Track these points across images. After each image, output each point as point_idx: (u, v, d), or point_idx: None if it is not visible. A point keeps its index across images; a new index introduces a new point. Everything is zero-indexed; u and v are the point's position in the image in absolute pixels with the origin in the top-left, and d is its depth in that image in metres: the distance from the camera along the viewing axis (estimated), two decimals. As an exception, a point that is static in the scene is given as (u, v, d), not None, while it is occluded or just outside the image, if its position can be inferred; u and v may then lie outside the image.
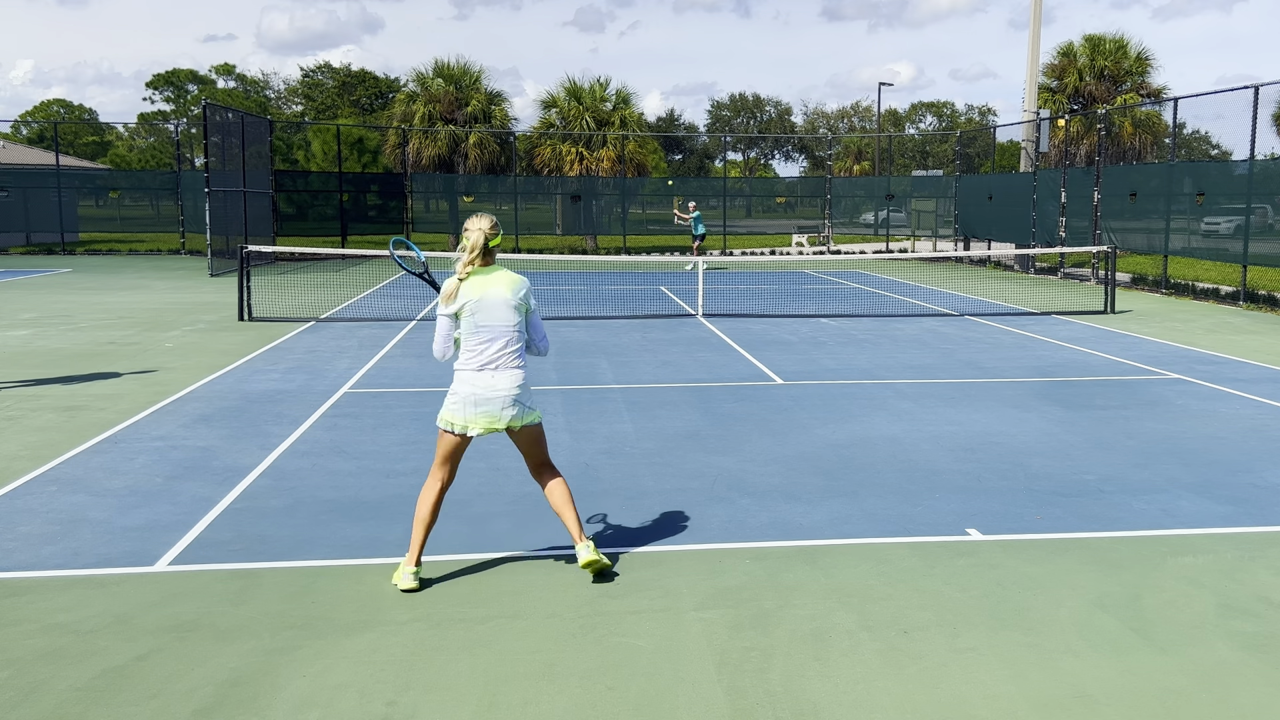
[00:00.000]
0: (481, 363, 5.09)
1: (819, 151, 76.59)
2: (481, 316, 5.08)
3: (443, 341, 5.18)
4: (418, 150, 36.43)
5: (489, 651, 4.47)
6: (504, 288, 5.12)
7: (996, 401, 9.76)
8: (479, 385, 5.07)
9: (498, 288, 5.11)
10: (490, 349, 5.10)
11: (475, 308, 5.07)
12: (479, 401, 5.07)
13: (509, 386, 5.10)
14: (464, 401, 5.08)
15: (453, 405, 5.11)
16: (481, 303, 5.07)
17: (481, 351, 5.09)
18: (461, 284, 5.09)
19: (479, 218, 5.16)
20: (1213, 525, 6.21)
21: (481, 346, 5.09)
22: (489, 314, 5.08)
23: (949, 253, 29.25)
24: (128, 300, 18.46)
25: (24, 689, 4.12)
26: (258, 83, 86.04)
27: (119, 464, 7.38)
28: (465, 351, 5.12)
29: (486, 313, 5.08)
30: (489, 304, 5.08)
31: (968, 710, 3.99)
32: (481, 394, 5.07)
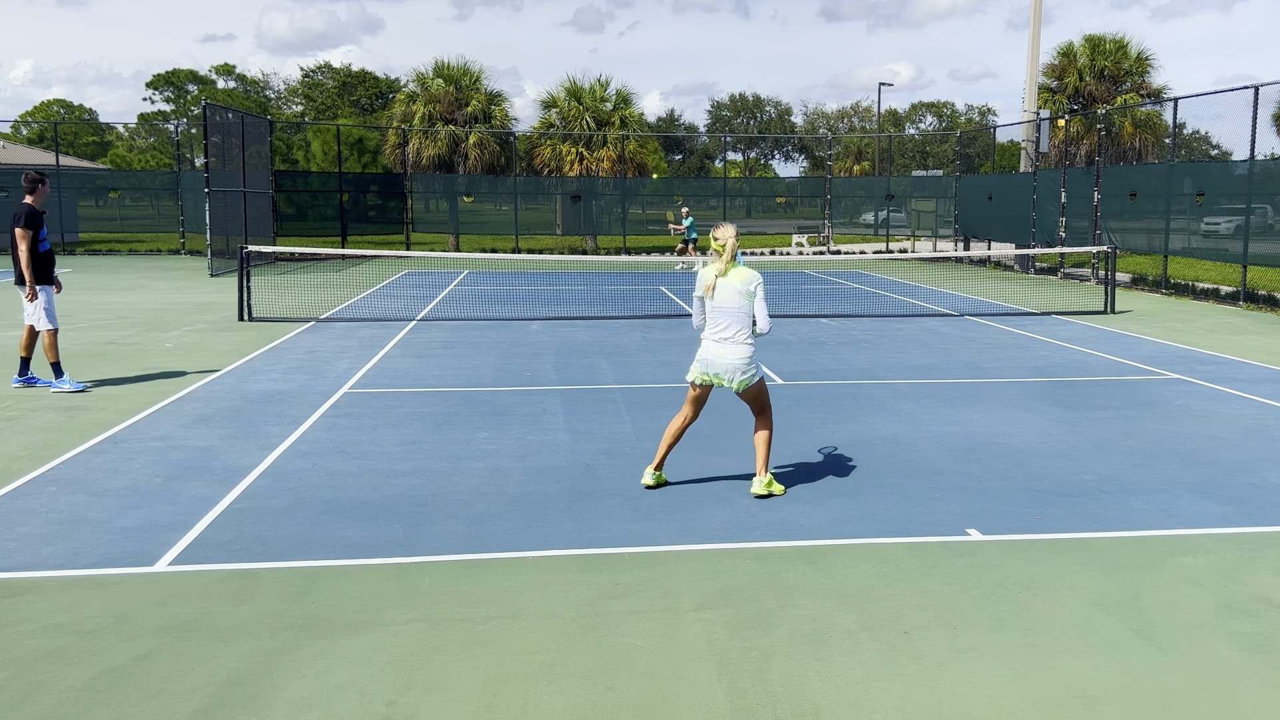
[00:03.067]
0: (718, 336, 6.55)
1: (819, 152, 76.61)
2: (718, 301, 6.55)
3: (699, 316, 6.74)
4: (418, 150, 36.44)
5: (489, 651, 4.47)
6: (738, 281, 6.52)
7: (996, 401, 9.76)
8: (711, 353, 6.58)
9: (733, 281, 6.52)
10: (722, 327, 6.55)
11: (714, 294, 6.56)
12: (709, 366, 6.57)
13: (734, 357, 6.52)
14: (700, 363, 6.63)
15: (695, 365, 6.67)
16: (719, 291, 6.54)
17: (717, 327, 6.57)
18: (712, 276, 6.57)
19: (728, 226, 6.60)
20: (1213, 525, 6.21)
21: (718, 324, 6.56)
22: (723, 300, 6.54)
23: (949, 253, 29.26)
24: (128, 300, 18.47)
25: (24, 689, 4.12)
26: (258, 83, 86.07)
27: (119, 464, 7.38)
28: (708, 326, 6.62)
29: (721, 298, 6.54)
30: (723, 292, 6.52)
31: (968, 710, 3.99)
32: (712, 360, 6.57)
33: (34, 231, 9.79)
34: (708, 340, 6.62)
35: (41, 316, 9.89)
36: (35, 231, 9.81)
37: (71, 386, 9.89)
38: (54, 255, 10.16)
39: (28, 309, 9.93)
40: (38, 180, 9.95)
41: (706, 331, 6.65)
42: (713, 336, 6.58)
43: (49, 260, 10.00)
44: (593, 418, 8.98)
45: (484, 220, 39.64)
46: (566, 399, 9.79)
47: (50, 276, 10.01)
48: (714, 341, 6.58)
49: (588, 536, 5.93)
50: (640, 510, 6.41)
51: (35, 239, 9.81)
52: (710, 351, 6.59)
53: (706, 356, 6.60)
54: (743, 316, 6.53)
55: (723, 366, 6.52)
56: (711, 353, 6.58)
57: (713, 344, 6.58)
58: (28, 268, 9.75)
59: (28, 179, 9.93)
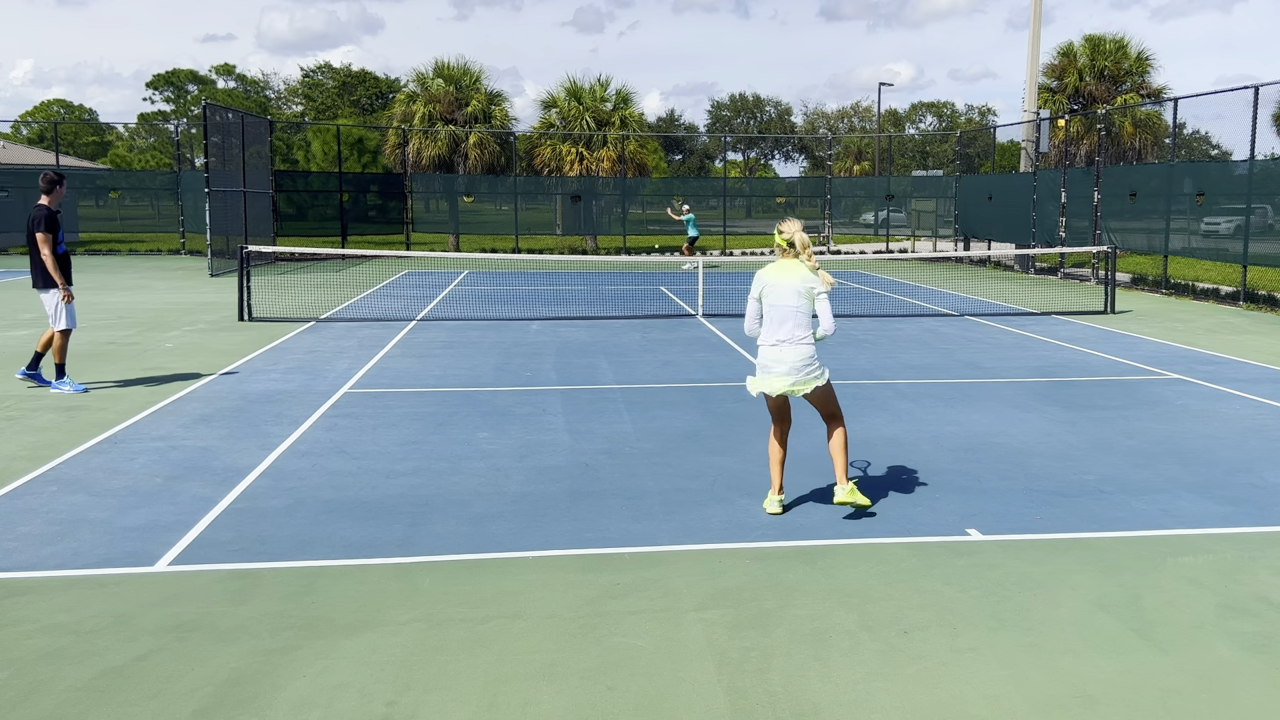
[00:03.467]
0: (776, 339, 6.14)
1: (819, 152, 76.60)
2: (776, 299, 6.14)
3: (752, 321, 6.30)
4: (418, 150, 36.44)
5: (489, 651, 4.47)
6: (796, 279, 6.10)
7: (996, 401, 9.76)
8: (770, 358, 6.15)
9: (791, 279, 6.11)
10: (780, 328, 6.14)
11: (769, 293, 6.17)
12: (769, 373, 6.15)
13: (796, 358, 6.10)
14: (761, 371, 6.21)
15: (755, 378, 6.27)
16: (777, 290, 6.14)
17: (775, 330, 6.16)
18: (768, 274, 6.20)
19: (794, 221, 6.20)
20: (1213, 525, 6.21)
21: (776, 325, 6.15)
22: (782, 298, 6.12)
23: (949, 253, 29.25)
24: (128, 300, 18.47)
25: (24, 689, 4.12)
26: (258, 83, 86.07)
27: (119, 464, 7.38)
28: (764, 330, 6.21)
29: (780, 297, 6.13)
30: (782, 291, 6.12)
31: (968, 710, 3.99)
32: (771, 366, 6.14)
33: (53, 234, 9.78)
34: (765, 346, 6.20)
35: (62, 316, 9.89)
36: (54, 234, 9.80)
37: (72, 389, 9.89)
38: (70, 257, 10.15)
39: (59, 311, 9.87)
40: (56, 181, 9.92)
41: (763, 336, 6.22)
42: (769, 341, 6.16)
43: (65, 262, 9.99)
44: (593, 418, 8.98)
45: (484, 220, 39.64)
46: (566, 399, 9.79)
47: (67, 279, 9.99)
48: (771, 346, 6.16)
49: (588, 536, 5.93)
50: (640, 510, 6.41)
51: (54, 241, 9.80)
52: (769, 357, 6.17)
53: (765, 363, 6.18)
54: (802, 316, 6.12)
55: (784, 371, 6.10)
56: (770, 358, 6.15)
57: (770, 349, 6.16)
58: (55, 270, 9.73)
59: (46, 179, 9.89)
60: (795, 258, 6.16)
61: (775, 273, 6.16)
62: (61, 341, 9.93)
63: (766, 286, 6.15)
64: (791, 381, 6.10)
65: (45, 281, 9.85)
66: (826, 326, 6.19)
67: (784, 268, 6.16)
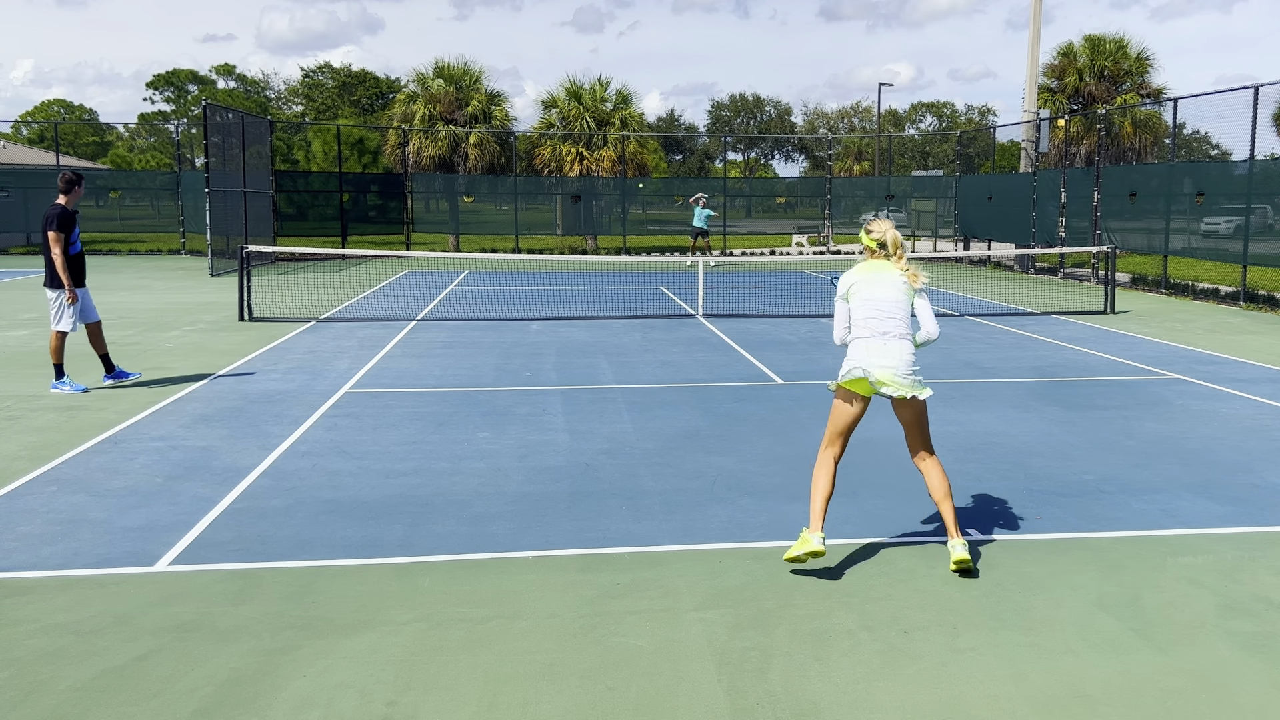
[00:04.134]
0: (875, 331, 5.44)
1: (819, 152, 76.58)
2: (872, 293, 5.51)
3: (841, 329, 5.62)
4: (418, 150, 36.42)
5: (489, 651, 4.47)
6: (896, 274, 5.54)
7: (996, 401, 9.76)
8: (867, 350, 5.40)
9: (890, 274, 5.53)
10: (882, 321, 5.45)
11: (859, 291, 5.55)
12: (866, 362, 5.36)
13: (901, 354, 5.38)
14: (853, 361, 5.42)
15: (847, 366, 5.44)
16: (874, 283, 5.53)
17: (875, 321, 5.46)
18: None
19: (885, 219, 5.69)
20: (1213, 525, 6.21)
21: (876, 317, 5.47)
22: (879, 291, 5.50)
23: (949, 253, 29.24)
24: (128, 300, 18.46)
25: (24, 689, 4.12)
26: (258, 83, 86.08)
27: (119, 464, 7.38)
28: (857, 325, 5.50)
29: (877, 290, 5.51)
30: (879, 284, 5.51)
31: (968, 710, 3.99)
32: (870, 356, 5.38)
33: (65, 234, 9.78)
34: (859, 340, 5.42)
35: (63, 317, 9.89)
36: (67, 234, 9.80)
37: (71, 389, 9.88)
38: (84, 258, 10.15)
39: (61, 312, 9.88)
40: (74, 181, 9.91)
41: (856, 330, 5.47)
42: (866, 334, 5.41)
43: (79, 262, 10.00)
44: (593, 418, 8.98)
45: (484, 220, 39.62)
46: (566, 399, 9.78)
47: (79, 278, 9.99)
48: (868, 339, 5.39)
49: (588, 536, 5.93)
50: (640, 510, 6.41)
51: (67, 241, 9.80)
52: (866, 350, 5.37)
53: (862, 353, 5.38)
54: (903, 313, 5.44)
55: (885, 365, 5.30)
56: (868, 350, 5.36)
57: (867, 341, 5.39)
58: (64, 270, 9.74)
59: (64, 179, 9.88)
60: (886, 259, 5.57)
61: (866, 271, 5.53)
62: (58, 342, 9.92)
63: (855, 285, 5.50)
64: (895, 379, 5.29)
65: (52, 280, 9.86)
66: (930, 329, 5.51)
67: (875, 267, 5.54)
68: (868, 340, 5.39)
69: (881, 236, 5.56)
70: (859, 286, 5.50)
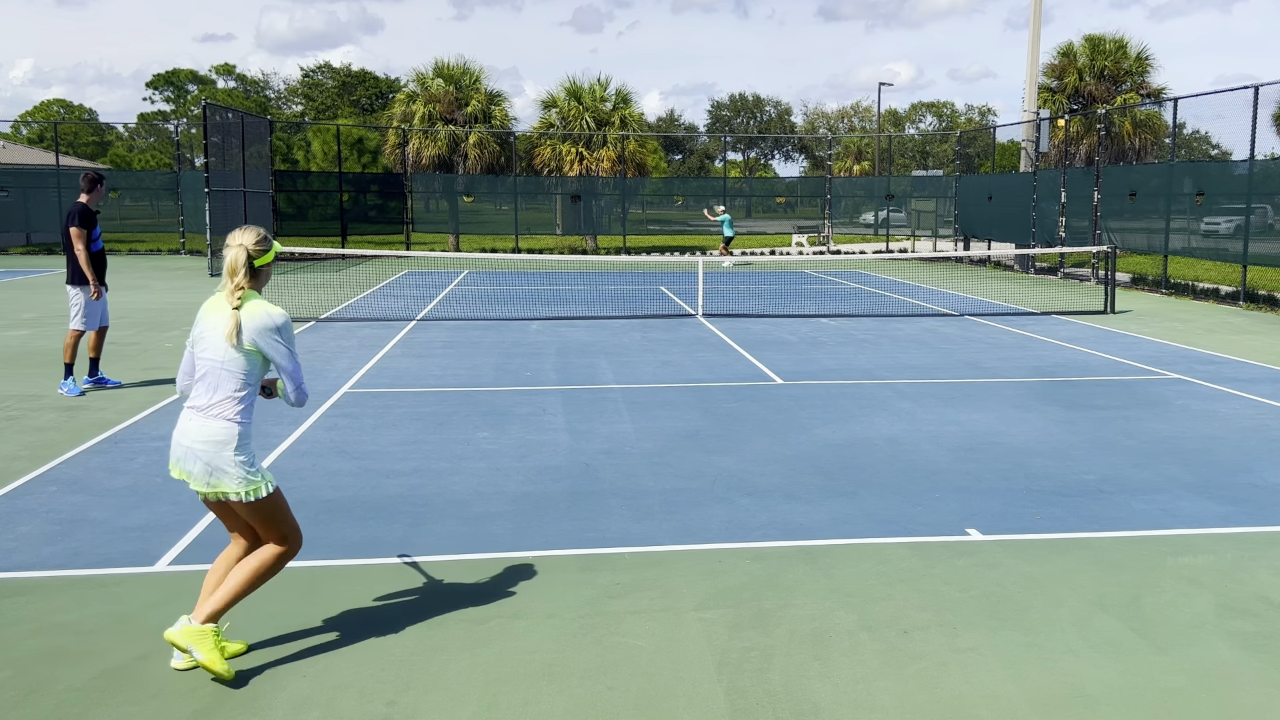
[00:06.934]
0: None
1: (819, 151, 76.58)
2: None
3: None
4: (418, 150, 36.43)
5: (489, 651, 4.47)
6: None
7: (996, 401, 9.76)
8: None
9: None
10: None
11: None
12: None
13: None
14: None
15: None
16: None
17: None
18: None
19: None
20: (1213, 525, 6.21)
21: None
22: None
23: (949, 253, 29.24)
24: (128, 300, 18.45)
25: (24, 689, 4.12)
26: (258, 83, 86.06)
27: (119, 464, 7.38)
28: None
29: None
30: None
31: (968, 710, 3.99)
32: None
33: (87, 231, 9.80)
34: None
35: (78, 316, 9.90)
36: (88, 230, 9.82)
37: (68, 391, 9.85)
38: (105, 256, 10.17)
39: (78, 309, 9.88)
40: (96, 180, 9.94)
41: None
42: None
43: (100, 261, 10.01)
44: (593, 418, 8.98)
45: (484, 220, 39.63)
46: (566, 399, 9.78)
47: (100, 277, 9.99)
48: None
49: (588, 536, 5.93)
50: (640, 510, 6.40)
51: (88, 238, 9.82)
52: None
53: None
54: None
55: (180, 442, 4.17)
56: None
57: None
58: (87, 265, 9.76)
59: (86, 179, 9.92)
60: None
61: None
62: (73, 340, 9.93)
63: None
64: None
65: (73, 277, 9.87)
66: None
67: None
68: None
69: (227, 251, 4.29)
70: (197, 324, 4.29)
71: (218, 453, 4.07)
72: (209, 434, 4.09)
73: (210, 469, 4.08)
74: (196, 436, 4.10)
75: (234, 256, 4.22)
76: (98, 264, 9.94)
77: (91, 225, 9.85)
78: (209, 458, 4.07)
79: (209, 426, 4.10)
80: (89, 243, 9.80)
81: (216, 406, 4.13)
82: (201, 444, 4.08)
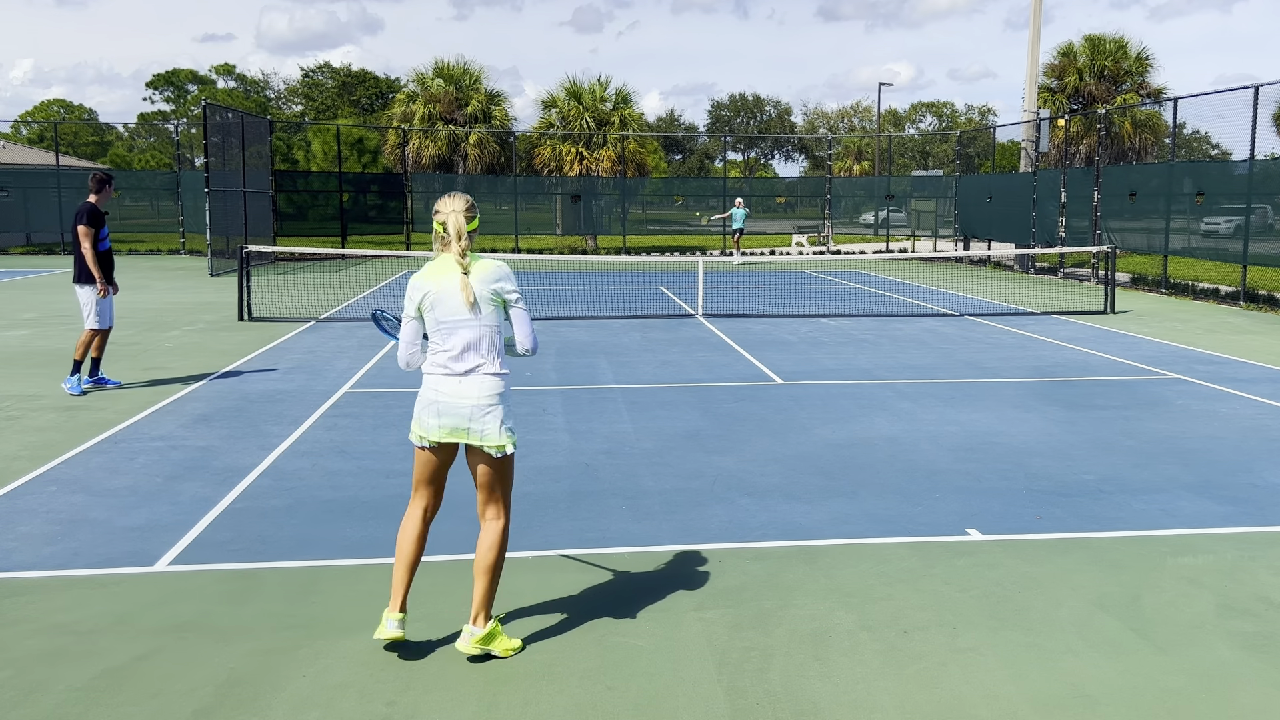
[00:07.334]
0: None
1: (819, 151, 76.58)
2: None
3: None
4: (418, 150, 36.43)
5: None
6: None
7: (996, 401, 9.76)
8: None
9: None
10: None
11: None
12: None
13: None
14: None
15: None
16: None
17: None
18: None
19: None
20: (1213, 525, 6.21)
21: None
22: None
23: (949, 253, 29.24)
24: (128, 300, 18.45)
25: (24, 689, 4.12)
26: (258, 83, 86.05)
27: (119, 464, 7.38)
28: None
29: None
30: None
31: (968, 710, 3.99)
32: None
33: (95, 230, 9.81)
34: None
35: (92, 315, 9.91)
36: (96, 230, 9.83)
37: (72, 389, 9.85)
38: (113, 255, 10.19)
39: (90, 308, 9.89)
40: (105, 180, 9.98)
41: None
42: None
43: (108, 259, 10.02)
44: (593, 418, 8.98)
45: (484, 220, 39.39)
46: (566, 399, 9.78)
47: (108, 276, 10.00)
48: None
49: (588, 536, 5.93)
50: (640, 510, 6.40)
51: (96, 237, 9.83)
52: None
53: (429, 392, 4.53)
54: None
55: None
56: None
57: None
58: (94, 264, 9.77)
59: (95, 179, 9.97)
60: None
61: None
62: (89, 339, 9.95)
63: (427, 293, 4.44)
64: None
65: (81, 276, 9.88)
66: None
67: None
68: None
69: (445, 217, 4.43)
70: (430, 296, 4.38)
71: (495, 405, 4.31)
72: (488, 389, 4.31)
73: (485, 422, 4.30)
74: (480, 392, 4.29)
75: (456, 222, 4.40)
76: (105, 263, 9.95)
77: (99, 225, 9.88)
78: (486, 410, 4.30)
79: (485, 383, 4.32)
80: (96, 242, 9.82)
81: (487, 363, 4.34)
82: (487, 398, 4.30)
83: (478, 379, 4.32)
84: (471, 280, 4.33)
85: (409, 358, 4.54)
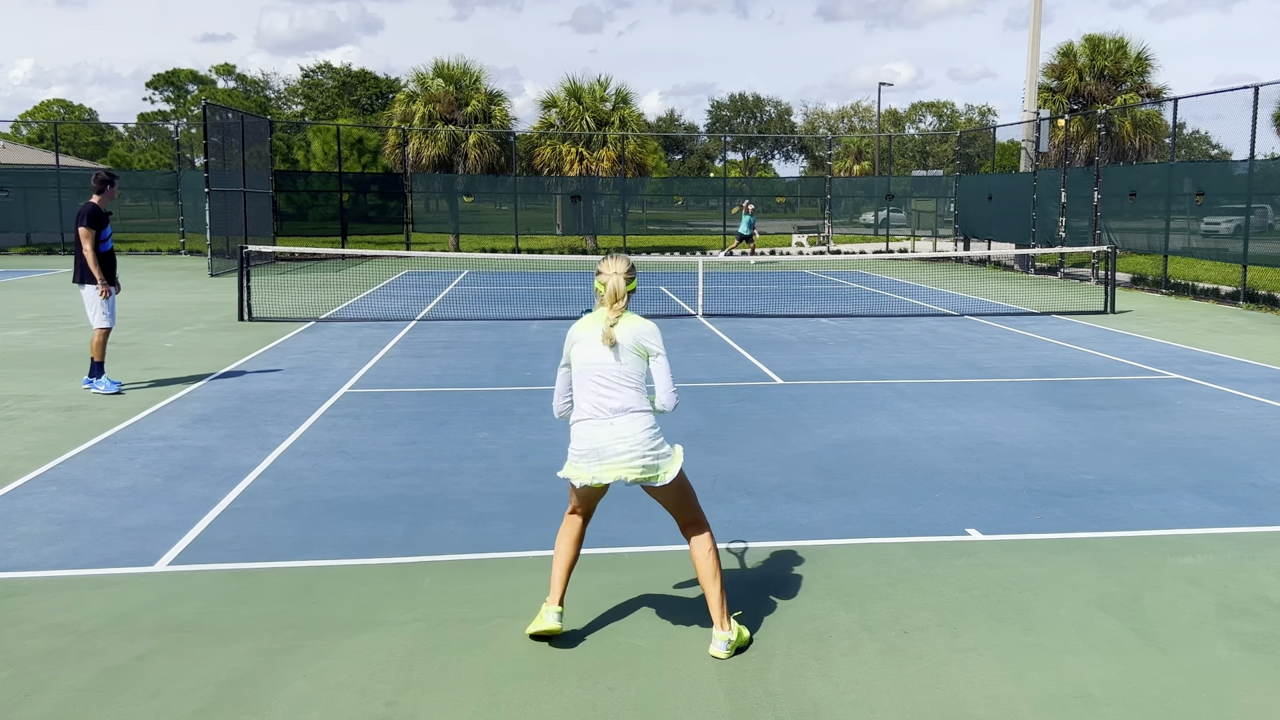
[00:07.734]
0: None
1: (819, 151, 76.58)
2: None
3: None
4: (418, 150, 36.43)
5: (489, 651, 4.47)
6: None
7: (996, 401, 9.76)
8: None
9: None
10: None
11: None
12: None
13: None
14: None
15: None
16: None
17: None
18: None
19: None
20: (1213, 525, 6.21)
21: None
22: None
23: (949, 253, 29.24)
24: (128, 300, 18.45)
25: (24, 689, 4.12)
26: (258, 83, 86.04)
27: (119, 464, 7.38)
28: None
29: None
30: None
31: (968, 710, 3.99)
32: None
33: (96, 231, 9.81)
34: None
35: (98, 314, 9.91)
36: (98, 231, 9.82)
37: (107, 388, 9.87)
38: (115, 255, 10.19)
39: (96, 308, 9.90)
40: (107, 180, 9.96)
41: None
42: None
43: (110, 260, 10.02)
44: (593, 418, 8.97)
45: (484, 220, 39.61)
46: (566, 399, 9.77)
47: (111, 276, 10.00)
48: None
49: (587, 536, 5.91)
50: (640, 510, 6.40)
51: (98, 238, 9.83)
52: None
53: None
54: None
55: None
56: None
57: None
58: (95, 265, 9.77)
59: (97, 179, 9.95)
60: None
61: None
62: (101, 338, 9.95)
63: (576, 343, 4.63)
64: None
65: (83, 276, 9.88)
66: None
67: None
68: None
69: (607, 278, 4.57)
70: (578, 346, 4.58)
71: (651, 440, 4.47)
72: (640, 426, 4.46)
73: (648, 459, 4.45)
74: (634, 431, 4.45)
75: (615, 284, 4.59)
76: (107, 263, 9.95)
77: (102, 225, 9.87)
78: (645, 448, 4.45)
79: (636, 421, 4.47)
80: (98, 243, 9.81)
81: (635, 404, 4.49)
82: (642, 435, 4.45)
83: (629, 418, 4.48)
84: (617, 330, 4.54)
85: (561, 407, 4.74)
